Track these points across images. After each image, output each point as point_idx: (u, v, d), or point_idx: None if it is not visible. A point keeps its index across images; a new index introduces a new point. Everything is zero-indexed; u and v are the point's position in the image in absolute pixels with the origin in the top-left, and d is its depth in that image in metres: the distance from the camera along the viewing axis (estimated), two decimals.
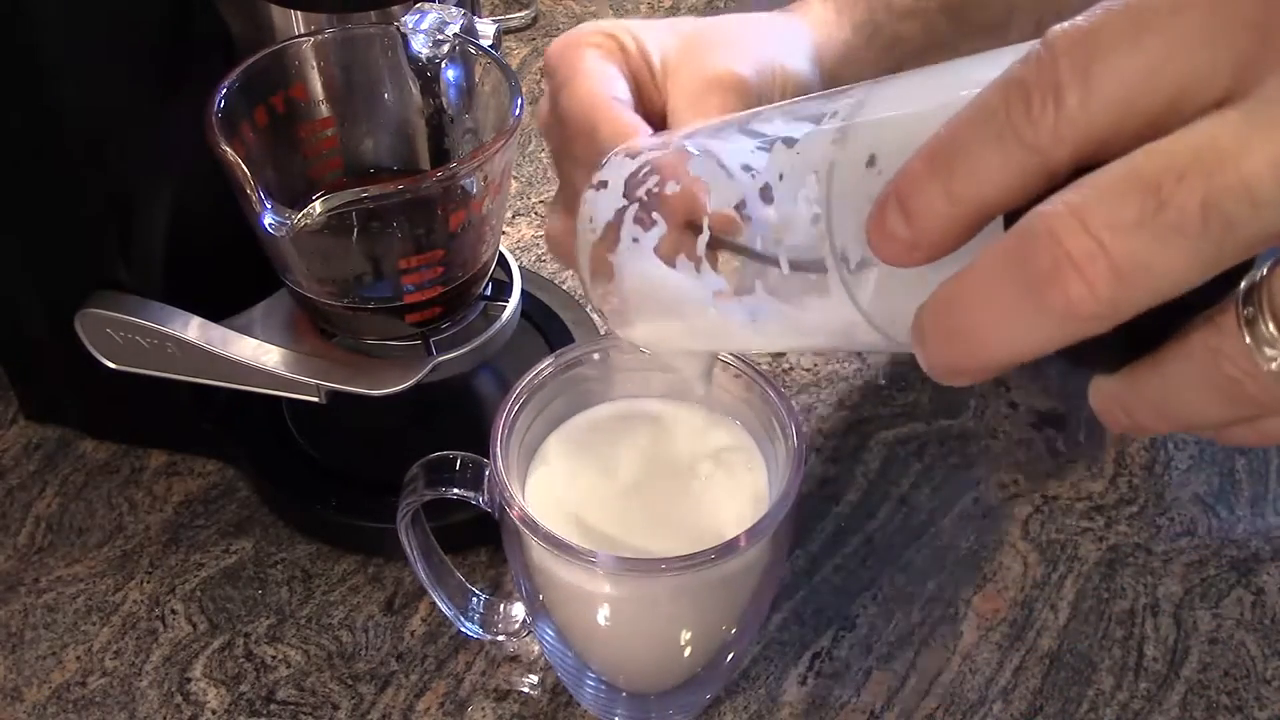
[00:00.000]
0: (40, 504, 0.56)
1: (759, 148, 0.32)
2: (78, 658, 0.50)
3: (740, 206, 0.32)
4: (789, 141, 0.31)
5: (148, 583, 0.53)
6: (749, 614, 0.44)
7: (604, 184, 0.36)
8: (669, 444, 0.44)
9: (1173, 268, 0.20)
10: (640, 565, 0.39)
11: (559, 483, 0.43)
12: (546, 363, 0.43)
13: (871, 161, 0.27)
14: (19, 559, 0.53)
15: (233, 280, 0.52)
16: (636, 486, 0.43)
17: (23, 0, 0.42)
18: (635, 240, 0.35)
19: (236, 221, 0.45)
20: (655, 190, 0.35)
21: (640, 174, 0.35)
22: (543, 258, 0.67)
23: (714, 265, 0.33)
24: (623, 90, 0.40)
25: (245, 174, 0.42)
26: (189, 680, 0.49)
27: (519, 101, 0.46)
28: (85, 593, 0.52)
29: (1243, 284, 0.22)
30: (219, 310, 0.51)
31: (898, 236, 0.23)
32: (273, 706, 0.48)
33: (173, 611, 0.51)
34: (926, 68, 0.29)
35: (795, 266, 0.31)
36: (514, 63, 0.82)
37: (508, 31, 0.85)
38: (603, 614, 0.42)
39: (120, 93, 0.46)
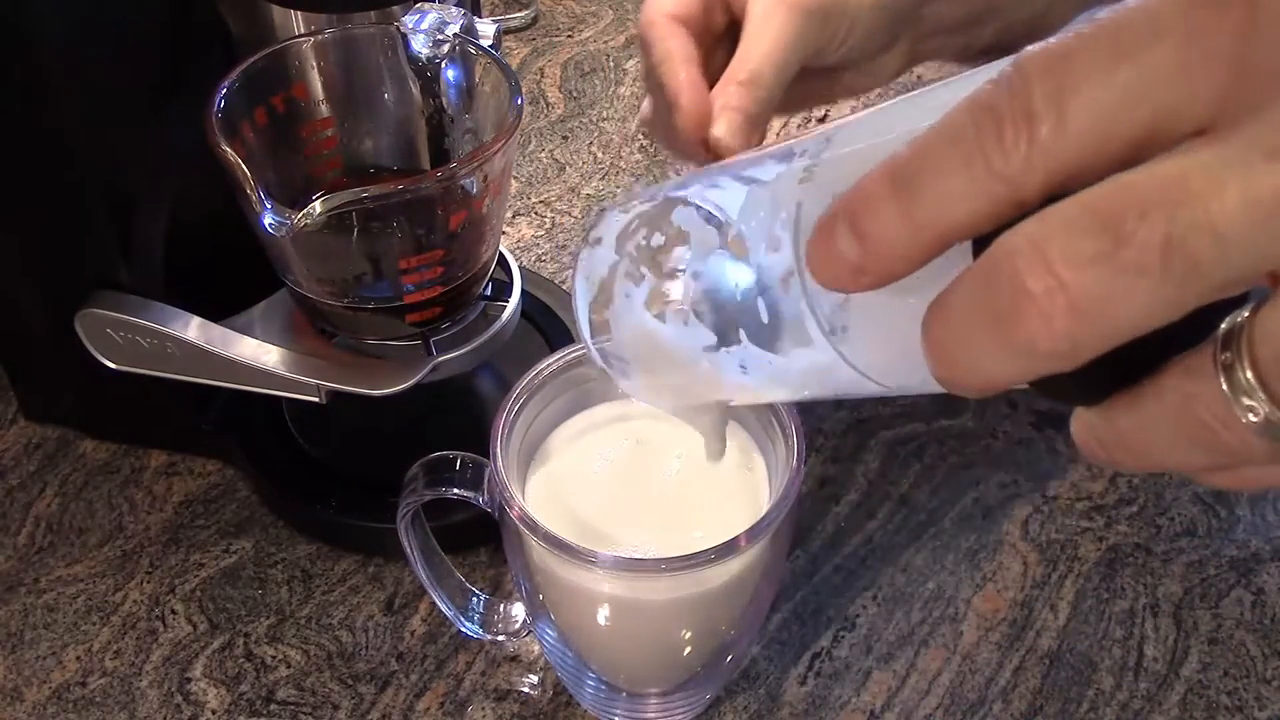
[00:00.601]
0: (40, 504, 0.56)
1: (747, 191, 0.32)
2: (78, 658, 0.50)
3: (722, 254, 0.32)
4: (762, 184, 0.31)
5: (148, 583, 0.53)
6: (749, 614, 0.44)
7: (599, 240, 0.36)
8: (669, 444, 0.44)
9: (1134, 307, 0.19)
10: (640, 565, 0.39)
11: (559, 483, 0.43)
12: (546, 363, 0.43)
13: (838, 195, 0.27)
14: (19, 559, 0.54)
15: (233, 280, 0.52)
16: (636, 486, 0.43)
17: (23, 0, 0.42)
18: (627, 296, 0.35)
19: (236, 221, 0.45)
20: (643, 244, 0.35)
21: (630, 228, 0.35)
22: (542, 258, 0.67)
23: (701, 318, 0.33)
24: (691, 7, 0.46)
25: (245, 174, 0.42)
26: (189, 680, 0.49)
27: (519, 101, 0.46)
28: (85, 593, 0.52)
29: (1222, 326, 0.20)
30: (219, 310, 0.51)
31: (844, 258, 0.22)
32: (273, 706, 0.48)
33: (173, 611, 0.51)
34: (903, 98, 0.29)
35: (774, 314, 0.31)
36: (514, 63, 0.82)
37: (508, 31, 0.85)
38: (603, 614, 0.42)
39: (120, 92, 0.46)
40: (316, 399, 0.50)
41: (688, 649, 0.44)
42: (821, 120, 0.78)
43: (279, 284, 0.50)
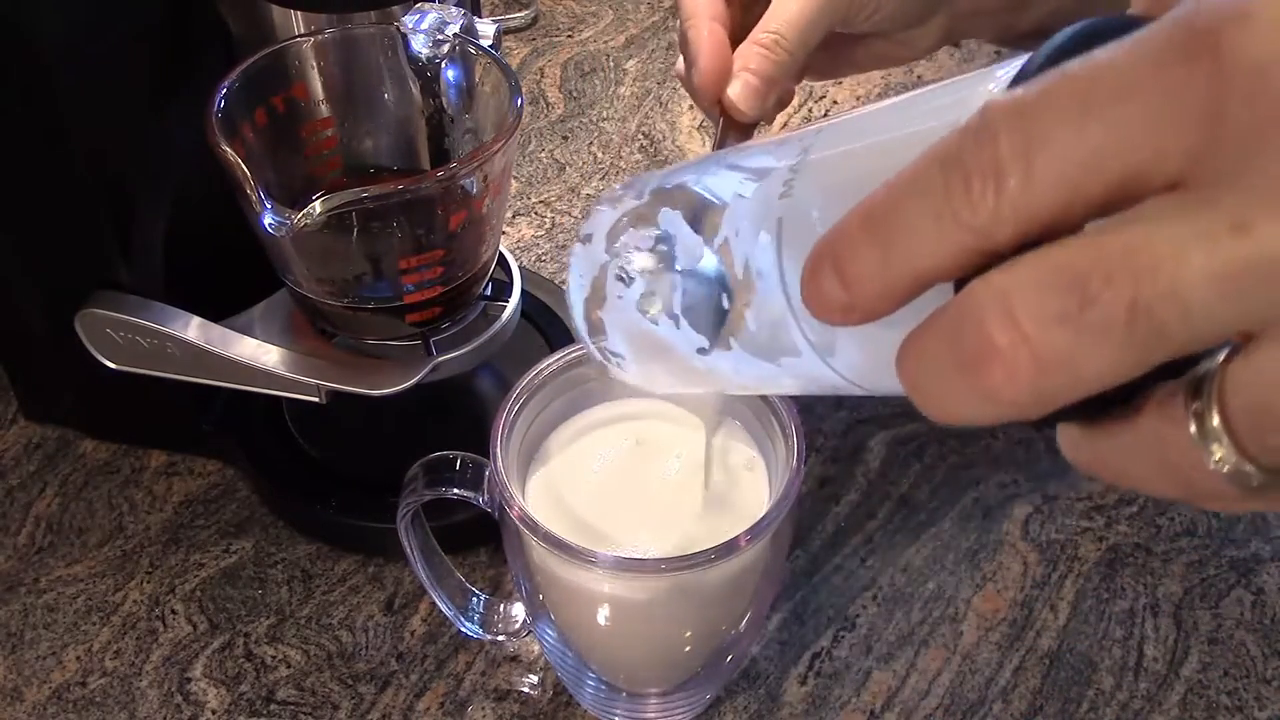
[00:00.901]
0: (40, 504, 0.56)
1: (739, 189, 0.32)
2: (78, 658, 0.50)
3: (709, 264, 0.32)
4: (743, 193, 0.31)
5: (148, 583, 0.53)
6: (749, 614, 0.44)
7: (589, 238, 0.36)
8: (669, 444, 0.44)
9: (1097, 366, 0.19)
10: (640, 565, 0.39)
11: (559, 483, 0.43)
12: (546, 363, 0.43)
13: (818, 214, 0.27)
14: (19, 559, 0.54)
15: (233, 280, 0.52)
16: (636, 486, 0.43)
17: (23, 1, 0.42)
18: (619, 296, 0.35)
19: (236, 221, 0.45)
20: (630, 245, 0.35)
21: (617, 228, 0.36)
22: (542, 258, 0.67)
23: (691, 324, 0.33)
24: None
25: (245, 174, 0.42)
26: (189, 680, 0.49)
27: (519, 101, 0.46)
28: (85, 593, 0.52)
29: (1195, 371, 0.20)
30: (219, 310, 0.51)
31: (833, 298, 0.23)
32: (273, 706, 0.48)
33: (173, 611, 0.51)
34: (888, 101, 0.29)
35: (762, 323, 0.31)
36: (514, 63, 0.82)
37: (508, 31, 0.85)
38: (603, 614, 0.42)
39: (120, 93, 0.46)
40: (316, 399, 0.50)
41: (688, 649, 0.44)
42: (824, 117, 0.78)
43: (279, 284, 0.50)
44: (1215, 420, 0.20)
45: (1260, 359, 0.19)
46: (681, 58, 0.50)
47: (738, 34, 0.48)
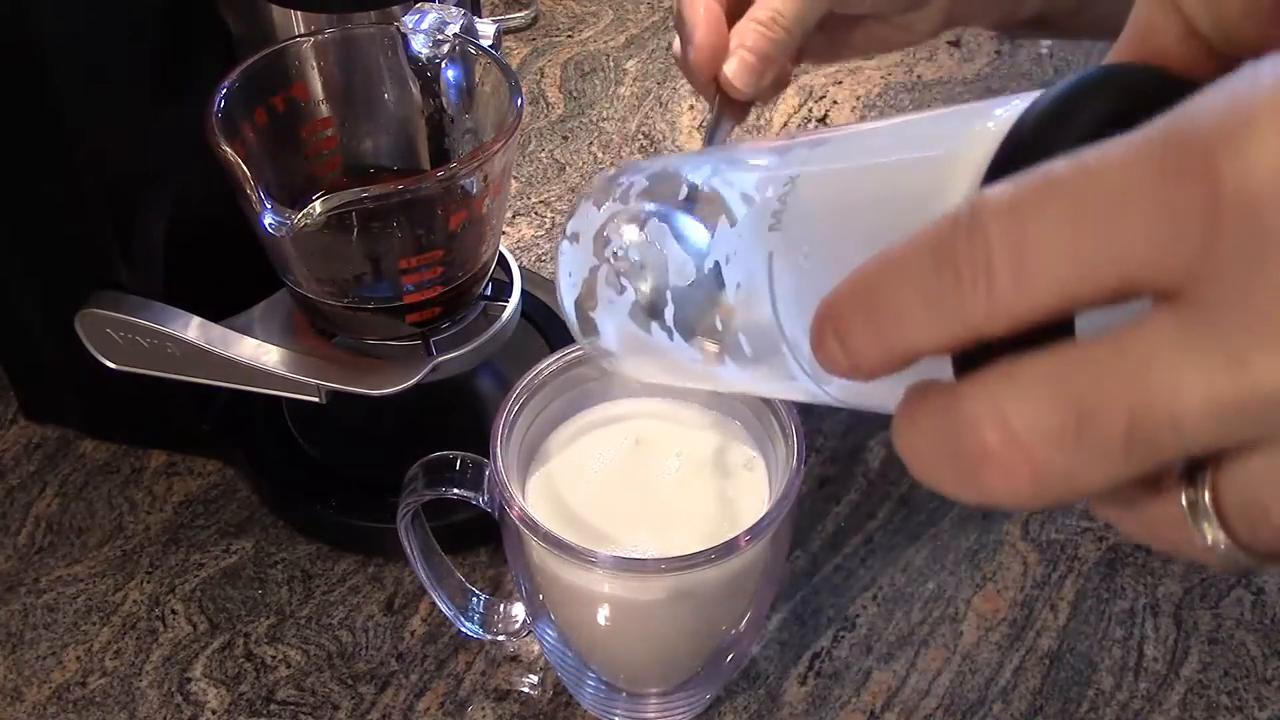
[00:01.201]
0: (40, 504, 0.56)
1: (729, 207, 0.32)
2: (78, 658, 0.50)
3: (701, 284, 0.33)
4: (732, 216, 0.31)
5: (148, 583, 0.53)
6: (749, 614, 0.44)
7: (575, 237, 0.36)
8: (668, 444, 0.44)
9: (1093, 478, 0.20)
10: (640, 565, 0.39)
11: (559, 483, 0.43)
12: (546, 363, 0.43)
13: (806, 255, 0.28)
14: (19, 559, 0.54)
15: (233, 280, 0.52)
16: (636, 486, 0.43)
17: (23, 1, 0.42)
18: (610, 302, 0.35)
19: (236, 221, 0.45)
20: (620, 255, 0.35)
21: (604, 232, 0.36)
22: (542, 258, 0.67)
23: (685, 338, 0.34)
24: None
25: (245, 174, 0.42)
26: (189, 680, 0.49)
27: (519, 101, 0.46)
28: (85, 593, 0.52)
29: (1191, 458, 0.21)
30: (219, 310, 0.51)
31: (838, 361, 0.23)
32: (273, 706, 0.48)
33: (173, 611, 0.51)
34: (884, 122, 0.29)
35: (756, 348, 0.31)
36: (514, 63, 0.82)
37: (508, 31, 0.85)
38: (603, 614, 0.42)
39: (120, 93, 0.46)
40: (316, 399, 0.50)
41: (688, 649, 0.44)
42: (822, 120, 0.78)
43: (279, 284, 0.50)
44: (1208, 507, 0.20)
45: (1254, 462, 0.19)
46: (677, 36, 0.50)
47: (735, 13, 0.47)
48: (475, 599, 0.48)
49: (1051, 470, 0.20)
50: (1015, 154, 0.23)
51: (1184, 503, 0.20)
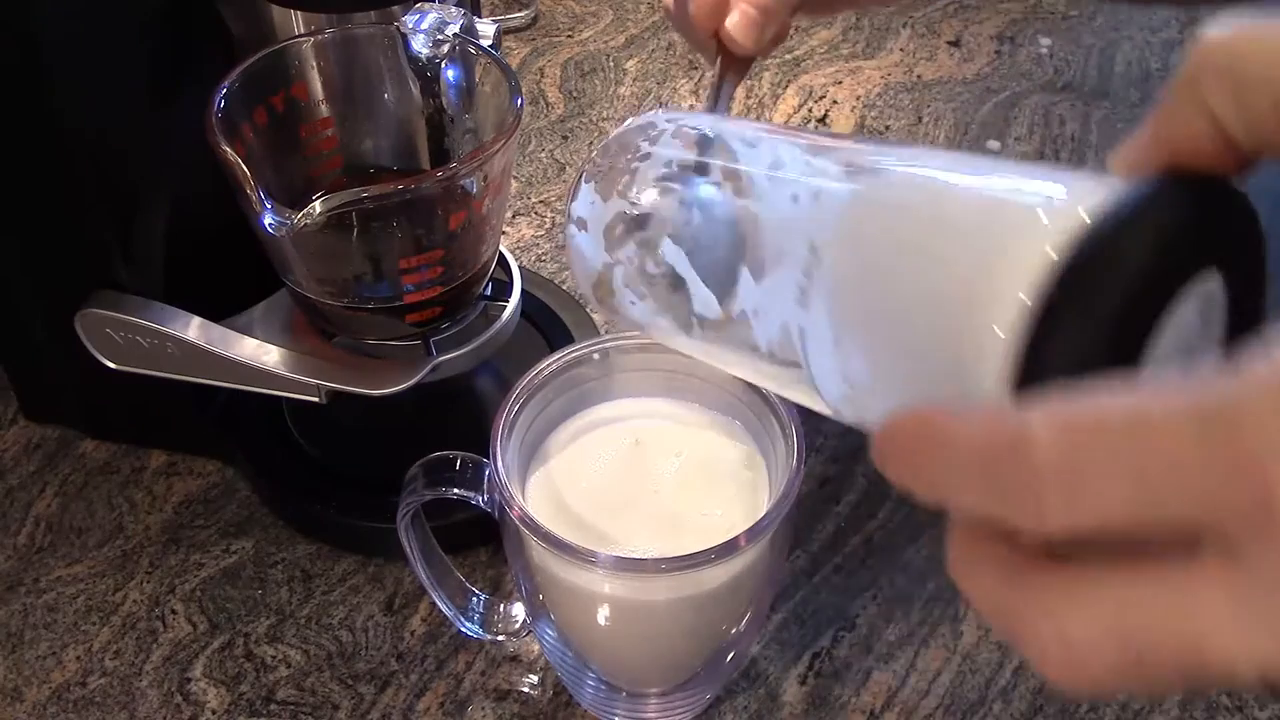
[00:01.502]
0: (40, 504, 0.56)
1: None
2: (78, 658, 0.50)
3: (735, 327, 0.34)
4: (759, 275, 0.31)
5: (148, 583, 0.53)
6: (749, 614, 0.44)
7: (583, 223, 0.36)
8: (669, 444, 0.44)
9: (1148, 693, 0.22)
10: (640, 565, 0.39)
11: (559, 483, 0.43)
12: (546, 363, 0.43)
13: (837, 343, 0.29)
14: (19, 559, 0.54)
15: (233, 280, 0.52)
16: (636, 486, 0.43)
17: (24, 1, 0.42)
18: (631, 303, 0.36)
19: (236, 222, 0.45)
20: (637, 261, 0.35)
21: (618, 231, 0.36)
22: (542, 258, 0.67)
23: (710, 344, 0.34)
24: None
25: (245, 174, 0.42)
26: (189, 680, 0.49)
27: (519, 101, 0.46)
28: (85, 593, 0.52)
29: None
30: (219, 310, 0.51)
31: (895, 480, 0.25)
32: (273, 706, 0.48)
33: (173, 611, 0.51)
34: (910, 186, 0.29)
35: (782, 384, 0.33)
36: (514, 63, 0.82)
37: (508, 31, 0.85)
38: (603, 614, 0.42)
39: (120, 92, 0.47)
40: (316, 399, 0.50)
41: (688, 649, 0.44)
42: (822, 120, 0.78)
43: (279, 284, 0.50)
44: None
45: None
46: None
47: None
48: (475, 599, 0.48)
49: (1104, 686, 0.21)
50: (1069, 297, 0.23)
51: None
